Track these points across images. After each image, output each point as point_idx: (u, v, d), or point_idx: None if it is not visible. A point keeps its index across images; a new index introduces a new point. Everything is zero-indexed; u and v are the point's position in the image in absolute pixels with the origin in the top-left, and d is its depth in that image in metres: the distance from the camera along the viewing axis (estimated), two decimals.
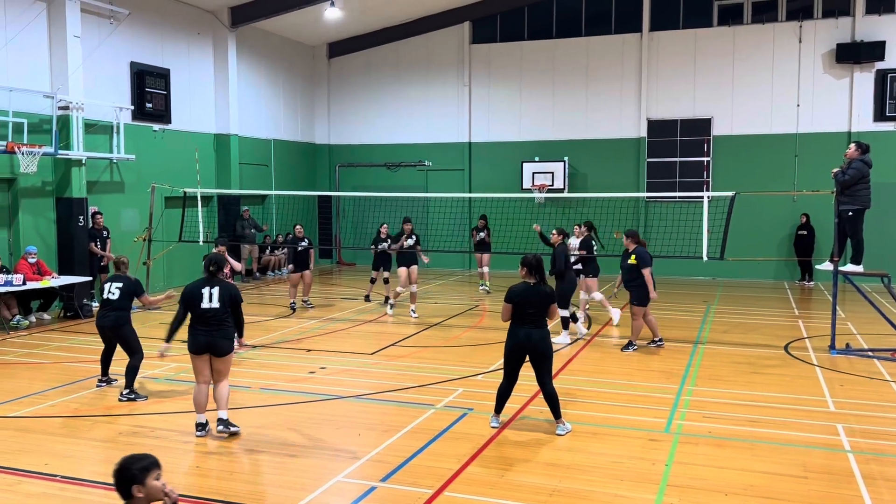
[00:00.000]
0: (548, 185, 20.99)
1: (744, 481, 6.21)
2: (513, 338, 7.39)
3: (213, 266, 7.53)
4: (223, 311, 7.39)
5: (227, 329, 7.44)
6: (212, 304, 7.35)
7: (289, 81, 22.76)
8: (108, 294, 8.84)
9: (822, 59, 19.48)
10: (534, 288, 7.37)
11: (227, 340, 7.42)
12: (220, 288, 7.43)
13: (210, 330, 7.35)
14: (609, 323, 13.47)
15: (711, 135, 20.41)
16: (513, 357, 7.45)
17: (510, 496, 5.89)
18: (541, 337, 7.32)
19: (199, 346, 7.36)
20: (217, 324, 7.37)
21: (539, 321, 7.35)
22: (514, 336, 7.39)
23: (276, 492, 6.02)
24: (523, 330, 7.32)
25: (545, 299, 7.36)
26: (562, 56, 21.74)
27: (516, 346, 7.38)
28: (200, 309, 7.36)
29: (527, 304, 7.31)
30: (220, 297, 7.39)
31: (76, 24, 14.75)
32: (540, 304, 7.33)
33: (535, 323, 7.33)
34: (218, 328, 7.38)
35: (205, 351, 7.38)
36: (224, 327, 7.41)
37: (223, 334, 7.40)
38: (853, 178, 10.72)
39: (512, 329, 7.43)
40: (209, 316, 7.35)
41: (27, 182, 14.23)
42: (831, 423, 7.76)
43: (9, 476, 6.35)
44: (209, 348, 7.37)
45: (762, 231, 19.68)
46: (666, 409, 8.26)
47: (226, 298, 7.41)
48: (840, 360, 10.71)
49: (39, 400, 8.67)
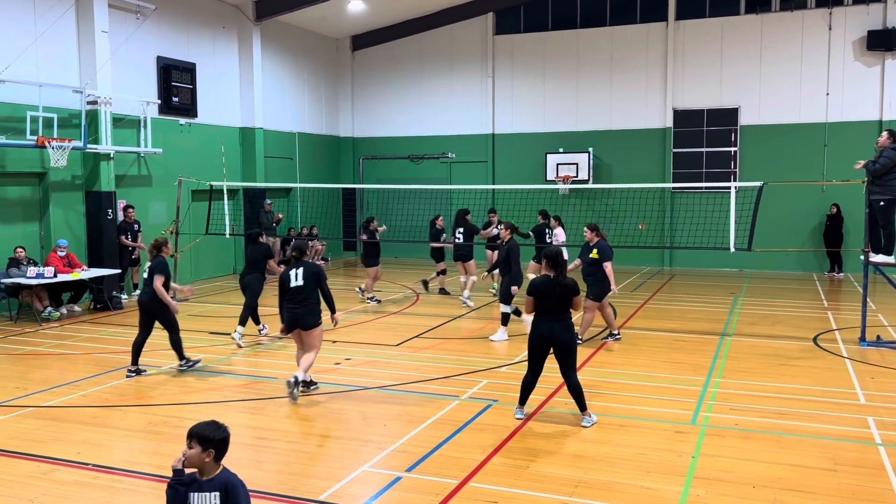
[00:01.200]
0: (572, 176, 20.87)
1: (771, 474, 6.15)
2: (536, 330, 7.40)
3: (297, 252, 8.63)
4: (309, 289, 8.33)
5: (311, 306, 8.39)
6: (297, 283, 8.35)
7: (313, 74, 22.84)
8: (144, 273, 9.74)
9: (853, 46, 19.13)
10: (554, 281, 7.35)
11: (312, 316, 8.38)
12: (304, 268, 8.45)
13: (295, 308, 8.36)
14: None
15: (739, 124, 20.15)
16: (536, 349, 7.44)
17: (535, 487, 5.89)
18: (563, 330, 7.31)
19: (289, 323, 8.44)
20: (302, 301, 8.35)
21: (561, 314, 7.33)
22: (536, 329, 7.40)
23: (303, 481, 6.08)
24: (546, 323, 7.32)
25: (567, 292, 7.33)
26: (586, 46, 21.58)
27: (539, 339, 7.38)
28: (290, 288, 8.40)
29: (548, 296, 7.30)
30: (304, 275, 8.38)
31: (104, 19, 14.92)
32: (561, 297, 7.31)
33: (557, 316, 7.32)
34: (302, 305, 8.35)
35: (294, 327, 8.42)
36: (308, 304, 8.37)
37: (307, 311, 8.36)
38: (885, 167, 10.53)
39: (535, 322, 7.44)
40: (296, 293, 8.35)
41: (57, 176, 14.45)
42: (862, 416, 7.66)
43: (43, 464, 6.47)
44: (296, 324, 8.38)
45: (791, 222, 19.42)
46: (692, 401, 8.21)
47: (309, 276, 8.38)
48: (871, 352, 10.55)
49: (71, 390, 8.83)
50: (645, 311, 13.96)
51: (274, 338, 11.02)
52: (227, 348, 10.90)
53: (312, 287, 8.39)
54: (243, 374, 9.59)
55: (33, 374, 9.70)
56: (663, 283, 17.99)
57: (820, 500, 5.66)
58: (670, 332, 11.85)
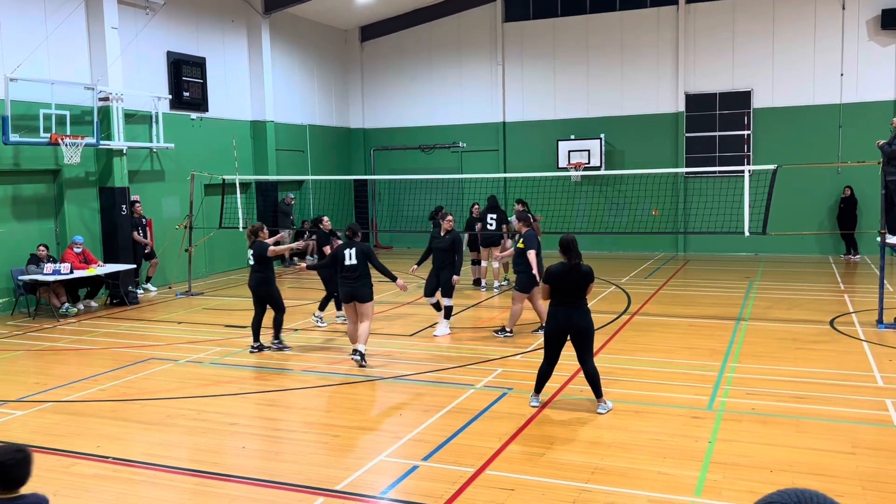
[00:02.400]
0: (584, 163, 20.77)
1: (789, 458, 6.13)
2: (553, 319, 7.36)
3: (349, 231, 9.59)
4: (361, 265, 9.27)
5: (365, 280, 9.32)
6: (351, 261, 9.27)
7: (322, 66, 22.83)
8: (249, 260, 10.36)
9: (867, 25, 18.88)
10: (569, 267, 7.32)
11: (366, 289, 9.33)
12: (356, 248, 9.36)
13: (352, 282, 9.30)
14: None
15: (752, 107, 19.97)
16: (553, 339, 7.41)
17: (552, 474, 5.90)
18: (581, 316, 7.27)
19: (346, 296, 9.41)
20: (356, 277, 9.28)
21: (578, 301, 7.30)
22: (554, 317, 7.35)
23: (320, 471, 6.12)
24: (563, 311, 7.28)
25: (583, 279, 7.30)
26: (596, 32, 21.43)
27: (557, 329, 7.34)
28: (344, 266, 9.31)
29: (564, 283, 7.27)
30: (356, 254, 9.30)
31: (113, 15, 14.97)
32: (577, 283, 7.28)
33: (575, 303, 7.28)
34: (357, 280, 9.29)
35: (350, 300, 9.36)
36: (362, 279, 9.30)
37: (362, 284, 9.31)
38: None
39: (552, 310, 7.39)
40: (351, 270, 9.29)
41: (71, 173, 14.55)
42: (880, 399, 7.61)
43: (63, 458, 6.55)
44: (353, 297, 9.32)
45: (806, 205, 19.25)
46: (709, 386, 8.18)
47: (360, 255, 9.29)
48: (888, 334, 10.47)
49: (90, 384, 8.91)
50: (659, 296, 13.91)
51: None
52: (244, 341, 10.96)
53: (364, 264, 9.29)
54: (259, 366, 9.65)
55: (52, 369, 9.81)
56: (678, 268, 17.91)
57: (839, 484, 5.63)
58: (685, 318, 11.80)
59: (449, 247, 11.02)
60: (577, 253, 7.42)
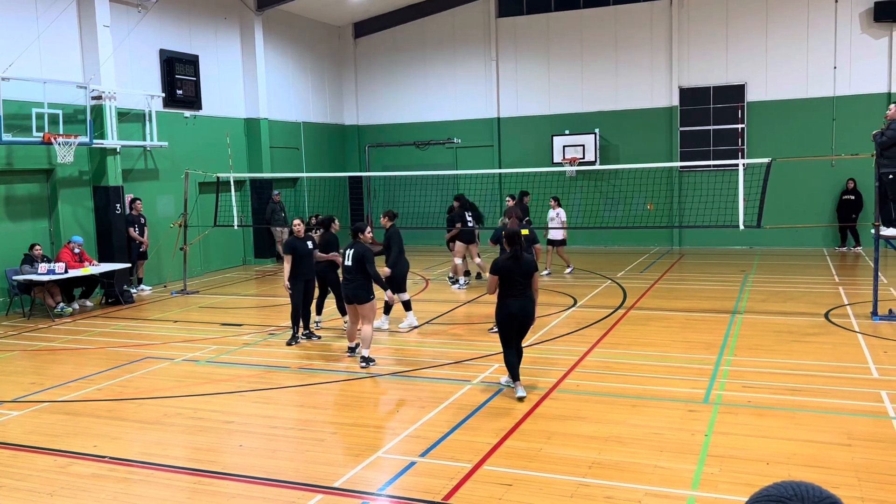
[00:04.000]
0: (579, 158, 20.78)
1: (786, 450, 6.15)
2: (505, 308, 7.68)
3: (353, 231, 9.43)
4: (355, 269, 9.05)
5: (360, 282, 9.07)
6: (347, 262, 9.15)
7: (316, 63, 22.78)
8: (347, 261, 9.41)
9: (860, 18, 18.90)
10: (515, 258, 7.63)
11: (362, 292, 9.08)
12: (354, 249, 9.16)
13: (348, 283, 9.17)
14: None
15: (746, 101, 19.98)
16: (509, 328, 7.72)
17: (549, 469, 5.91)
18: (531, 306, 7.70)
19: (346, 297, 9.29)
20: (352, 279, 9.10)
21: (526, 290, 7.67)
22: (506, 307, 7.67)
23: (318, 468, 6.12)
24: (515, 301, 7.63)
25: (528, 268, 7.66)
26: (590, 26, 21.41)
27: (510, 318, 7.66)
28: (343, 266, 9.25)
29: (512, 274, 7.60)
30: (352, 256, 9.12)
31: (105, 13, 14.90)
32: (523, 273, 7.63)
33: (524, 293, 7.65)
34: (352, 282, 9.11)
35: (351, 301, 9.21)
36: (357, 281, 9.08)
37: (358, 285, 9.07)
38: (892, 139, 10.46)
39: (502, 301, 7.71)
40: (346, 272, 9.16)
41: (64, 172, 14.50)
42: (875, 390, 7.64)
43: (60, 458, 6.54)
44: (351, 299, 9.17)
45: (801, 198, 19.28)
46: (705, 379, 8.20)
47: (355, 258, 9.07)
48: (883, 326, 10.51)
49: (86, 384, 8.89)
50: (655, 290, 13.93)
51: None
52: (240, 339, 10.95)
53: (358, 268, 9.06)
54: (255, 364, 9.64)
55: (48, 369, 9.79)
56: (673, 262, 17.94)
57: (835, 475, 5.65)
58: (681, 312, 11.82)
59: (385, 244, 11.25)
60: (521, 244, 7.75)
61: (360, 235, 9.36)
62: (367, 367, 9.08)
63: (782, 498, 1.41)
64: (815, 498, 1.40)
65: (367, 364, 9.10)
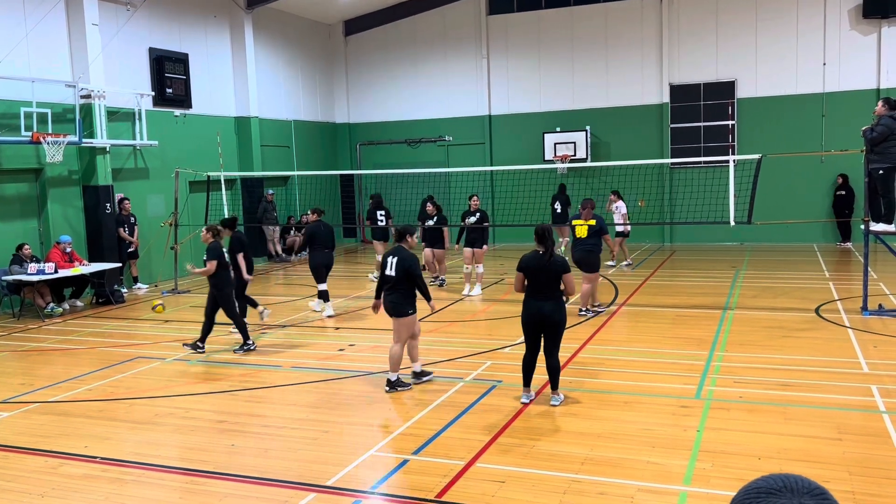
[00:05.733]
0: (570, 155, 20.79)
1: (778, 445, 6.18)
2: (526, 309, 7.39)
3: (397, 235, 8.39)
4: (398, 278, 7.93)
5: (400, 293, 7.94)
6: (390, 272, 8.00)
7: (307, 61, 22.71)
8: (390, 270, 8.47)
9: (849, 14, 18.98)
10: (543, 257, 7.30)
11: (404, 305, 7.93)
12: (398, 257, 8.01)
13: (389, 295, 8.02)
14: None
15: (736, 98, 20.04)
16: (530, 328, 7.43)
17: (542, 466, 5.92)
18: (553, 309, 7.26)
19: (387, 310, 8.07)
20: (392, 289, 7.98)
21: (551, 292, 7.28)
22: (527, 307, 7.39)
23: (310, 467, 6.11)
24: (535, 302, 7.30)
25: (557, 269, 7.28)
26: (580, 24, 21.43)
27: (530, 318, 7.37)
28: (385, 275, 8.08)
29: (537, 273, 7.28)
30: (396, 266, 7.97)
31: (94, 12, 14.81)
32: (550, 274, 7.26)
33: (547, 294, 7.28)
34: (394, 292, 7.98)
35: (391, 314, 8.03)
36: (397, 291, 7.95)
37: (400, 297, 7.95)
38: (881, 135, 10.50)
39: (526, 300, 7.42)
40: (387, 281, 8.02)
41: (54, 172, 14.41)
42: (865, 385, 7.68)
43: (51, 459, 6.50)
44: (391, 311, 8.01)
45: (792, 194, 19.35)
46: (696, 375, 8.22)
47: (400, 269, 7.93)
48: (873, 321, 10.56)
49: (77, 384, 8.85)
50: (647, 287, 13.96)
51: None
52: (231, 338, 10.91)
53: (402, 277, 7.95)
54: (247, 363, 9.61)
55: (38, 369, 9.73)
56: (664, 259, 17.99)
57: (826, 469, 5.68)
58: (673, 308, 11.85)
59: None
60: (553, 242, 7.42)
61: (407, 238, 8.27)
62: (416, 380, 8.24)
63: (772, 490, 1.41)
64: (804, 489, 1.40)
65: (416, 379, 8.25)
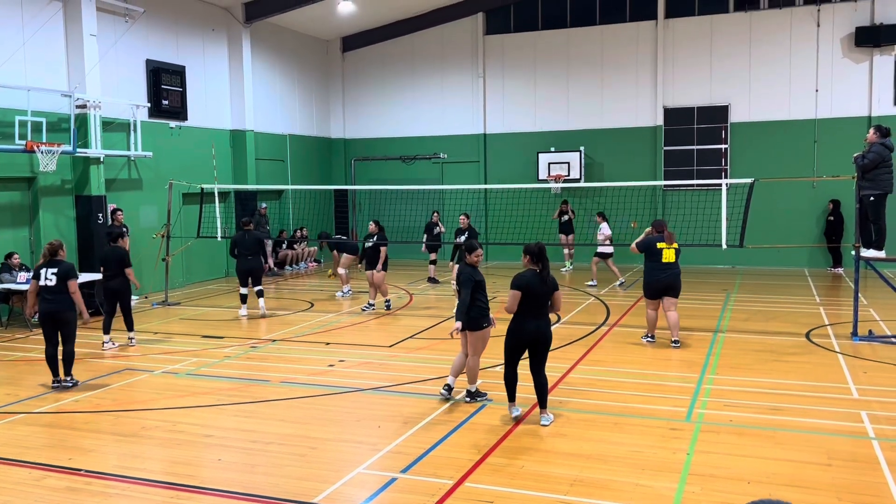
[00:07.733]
0: (564, 175, 20.88)
1: (766, 469, 6.16)
2: (523, 329, 7.30)
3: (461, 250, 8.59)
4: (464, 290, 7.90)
5: (477, 307, 7.92)
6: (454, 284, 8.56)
7: (303, 76, 22.79)
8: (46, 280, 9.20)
9: (841, 42, 19.20)
10: (540, 276, 7.32)
11: (476, 317, 7.90)
12: (460, 266, 8.21)
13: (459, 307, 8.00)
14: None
15: (729, 122, 20.20)
16: (520, 348, 7.42)
17: (530, 486, 5.88)
18: (547, 325, 7.38)
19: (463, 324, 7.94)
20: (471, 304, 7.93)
21: (545, 310, 7.37)
22: (524, 327, 7.29)
23: (297, 484, 6.05)
24: (533, 322, 7.27)
25: (553, 288, 7.36)
26: (576, 45, 21.60)
27: (527, 338, 7.31)
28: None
29: (535, 292, 7.27)
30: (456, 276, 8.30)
31: (92, 22, 14.84)
32: (547, 292, 7.32)
33: (543, 312, 7.35)
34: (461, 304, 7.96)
35: (463, 328, 7.93)
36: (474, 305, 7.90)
37: (473, 312, 7.90)
38: (873, 162, 10.59)
39: (519, 320, 7.33)
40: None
41: (47, 181, 14.37)
42: (855, 410, 7.68)
43: (35, 471, 6.42)
44: (464, 325, 7.91)
45: (783, 219, 19.46)
46: (686, 398, 8.21)
47: (461, 279, 8.00)
48: (863, 346, 10.59)
49: (63, 396, 8.76)
50: (638, 308, 13.97)
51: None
52: (220, 352, 10.85)
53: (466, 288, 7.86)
54: (235, 377, 9.55)
55: (24, 379, 9.64)
56: None
57: (815, 495, 5.67)
58: (663, 330, 11.86)
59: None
60: (547, 260, 7.44)
61: (467, 256, 8.05)
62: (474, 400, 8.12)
63: None
64: None
65: (471, 398, 8.14)
